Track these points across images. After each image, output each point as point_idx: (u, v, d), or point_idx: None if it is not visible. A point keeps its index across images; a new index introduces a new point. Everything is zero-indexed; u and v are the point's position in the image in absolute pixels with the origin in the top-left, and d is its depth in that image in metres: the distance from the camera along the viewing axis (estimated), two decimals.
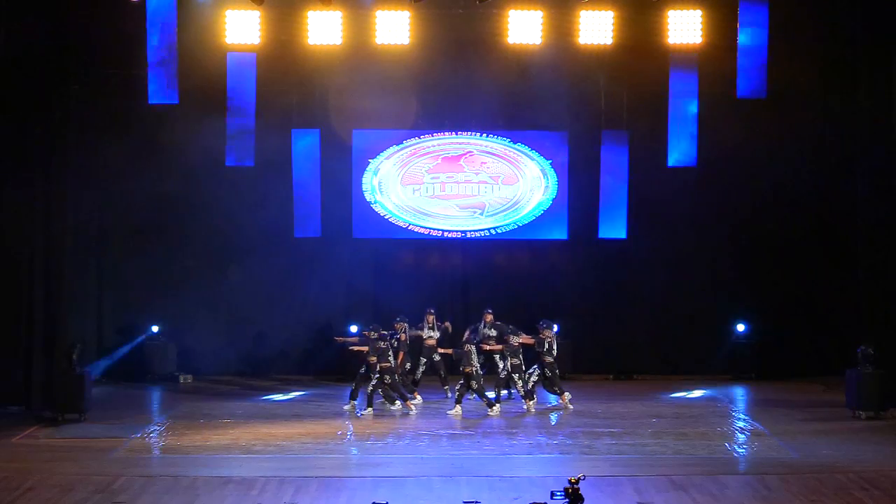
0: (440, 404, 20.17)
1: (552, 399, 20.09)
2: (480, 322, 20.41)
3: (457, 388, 19.59)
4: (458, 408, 19.40)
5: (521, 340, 19.77)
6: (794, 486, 14.62)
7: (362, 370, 19.81)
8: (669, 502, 14.08)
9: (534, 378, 19.68)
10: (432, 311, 20.90)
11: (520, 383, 19.76)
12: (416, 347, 20.86)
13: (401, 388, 19.79)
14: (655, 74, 21.49)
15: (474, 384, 19.28)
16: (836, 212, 22.67)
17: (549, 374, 19.63)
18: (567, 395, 19.84)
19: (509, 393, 20.38)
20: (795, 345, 22.88)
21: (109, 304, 23.17)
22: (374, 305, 23.31)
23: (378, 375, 19.39)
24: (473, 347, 19.45)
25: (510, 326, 19.99)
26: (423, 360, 20.76)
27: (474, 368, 19.28)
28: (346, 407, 19.80)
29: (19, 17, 19.37)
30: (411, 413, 19.45)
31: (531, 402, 19.61)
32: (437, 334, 20.69)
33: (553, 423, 18.98)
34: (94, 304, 22.84)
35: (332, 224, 22.70)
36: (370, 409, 19.42)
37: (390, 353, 19.56)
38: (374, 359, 19.41)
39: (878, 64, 20.86)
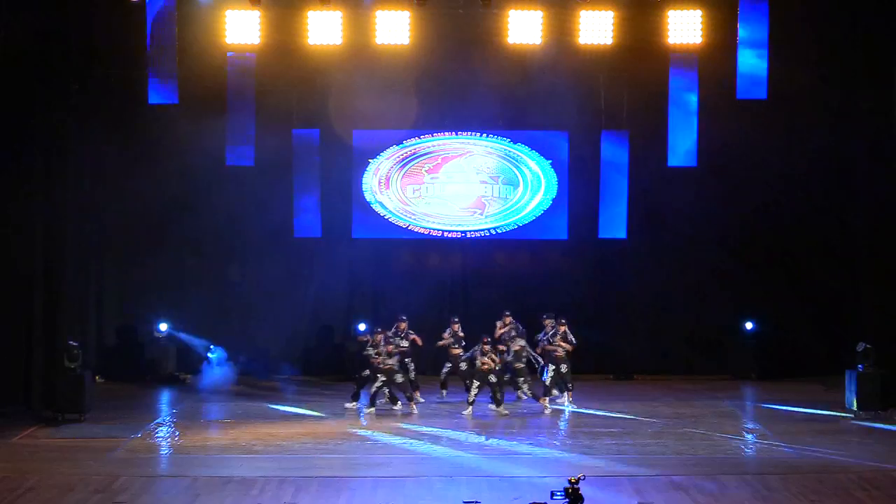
0: (440, 405, 20.16)
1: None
2: (542, 332, 20.19)
3: (474, 389, 19.48)
4: (470, 409, 19.39)
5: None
6: (794, 486, 14.63)
7: (366, 372, 19.76)
8: (669, 502, 14.09)
9: (550, 375, 19.66)
10: (456, 319, 20.65)
11: (524, 387, 19.73)
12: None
13: (409, 388, 19.80)
14: (655, 74, 21.48)
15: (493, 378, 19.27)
16: (836, 212, 22.70)
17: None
18: (548, 399, 19.74)
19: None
20: (795, 345, 22.89)
21: (109, 304, 23.17)
22: (373, 305, 23.33)
23: (383, 376, 19.39)
24: (489, 347, 19.37)
25: (520, 328, 20.07)
26: (449, 364, 20.58)
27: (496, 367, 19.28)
28: (347, 405, 19.80)
29: (19, 17, 19.36)
30: (413, 413, 19.45)
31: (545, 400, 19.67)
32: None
33: (553, 424, 18.98)
34: (94, 304, 22.83)
35: (332, 224, 22.70)
36: (373, 408, 19.47)
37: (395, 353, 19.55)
38: (378, 360, 19.42)
39: (878, 64, 20.88)
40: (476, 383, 19.35)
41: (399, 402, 19.67)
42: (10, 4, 19.27)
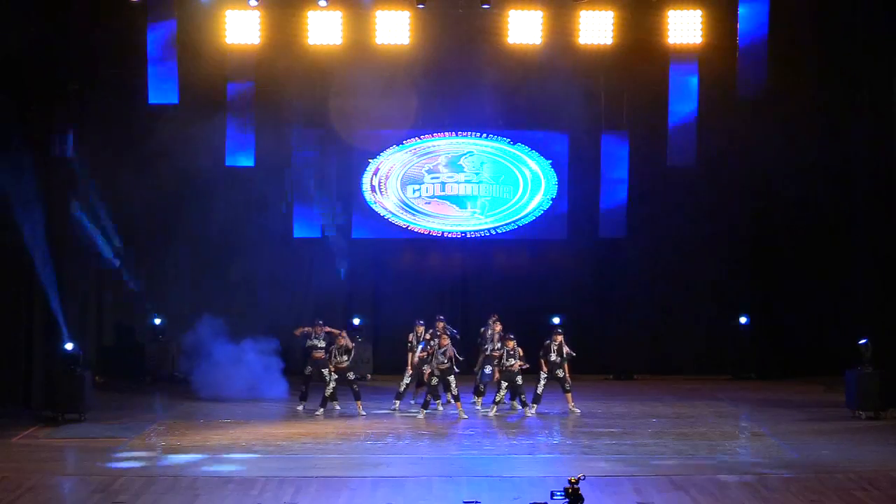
0: (444, 407, 20.13)
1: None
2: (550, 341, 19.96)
3: (501, 391, 19.47)
4: (495, 408, 19.43)
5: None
6: (794, 486, 14.62)
7: (307, 370, 19.76)
8: (669, 502, 14.08)
9: (542, 382, 19.59)
10: (422, 322, 20.21)
11: (502, 392, 19.62)
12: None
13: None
14: (655, 74, 21.49)
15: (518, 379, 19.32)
16: (835, 212, 22.70)
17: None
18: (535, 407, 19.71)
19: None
20: (796, 344, 22.90)
21: (109, 303, 23.16)
22: (373, 305, 23.33)
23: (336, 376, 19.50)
24: (513, 345, 19.35)
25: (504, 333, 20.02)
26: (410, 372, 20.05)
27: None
28: (298, 408, 19.85)
29: (20, 17, 19.36)
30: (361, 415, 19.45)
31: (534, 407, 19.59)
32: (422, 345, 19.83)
33: (553, 424, 18.98)
34: (95, 303, 22.82)
35: (331, 224, 22.69)
36: (323, 409, 19.58)
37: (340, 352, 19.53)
38: (345, 364, 19.51)
39: (878, 63, 20.88)
40: (504, 383, 19.37)
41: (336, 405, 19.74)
42: (10, 5, 19.28)
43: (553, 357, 19.41)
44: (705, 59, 21.21)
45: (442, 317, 20.34)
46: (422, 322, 20.08)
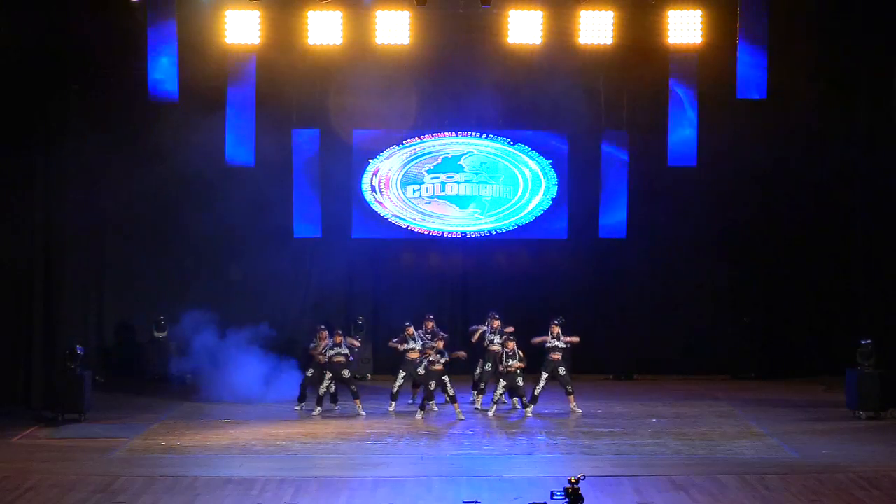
0: (440, 407, 20.15)
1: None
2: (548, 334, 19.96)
3: (499, 389, 19.53)
4: (494, 407, 19.45)
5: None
6: (794, 486, 14.64)
7: (310, 372, 19.80)
8: (669, 502, 14.09)
9: (542, 384, 19.59)
10: (431, 317, 20.48)
11: (500, 391, 19.66)
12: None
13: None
14: (655, 74, 21.47)
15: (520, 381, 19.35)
16: (835, 212, 22.72)
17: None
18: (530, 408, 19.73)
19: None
20: (796, 344, 22.92)
21: (109, 303, 23.16)
22: (373, 305, 23.33)
23: (331, 375, 19.55)
24: (513, 346, 19.38)
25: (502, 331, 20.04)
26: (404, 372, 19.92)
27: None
28: (295, 408, 19.90)
29: (19, 16, 19.37)
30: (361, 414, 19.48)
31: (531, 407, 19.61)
32: (419, 345, 19.81)
33: (553, 424, 18.98)
34: (94, 303, 22.82)
35: (332, 224, 22.70)
36: (319, 408, 19.66)
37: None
38: (342, 359, 19.57)
39: (877, 65, 20.89)
40: (502, 383, 19.38)
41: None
42: (10, 4, 19.28)
43: (552, 344, 19.36)
44: (705, 59, 21.18)
45: (432, 315, 20.42)
46: (409, 324, 20.08)
